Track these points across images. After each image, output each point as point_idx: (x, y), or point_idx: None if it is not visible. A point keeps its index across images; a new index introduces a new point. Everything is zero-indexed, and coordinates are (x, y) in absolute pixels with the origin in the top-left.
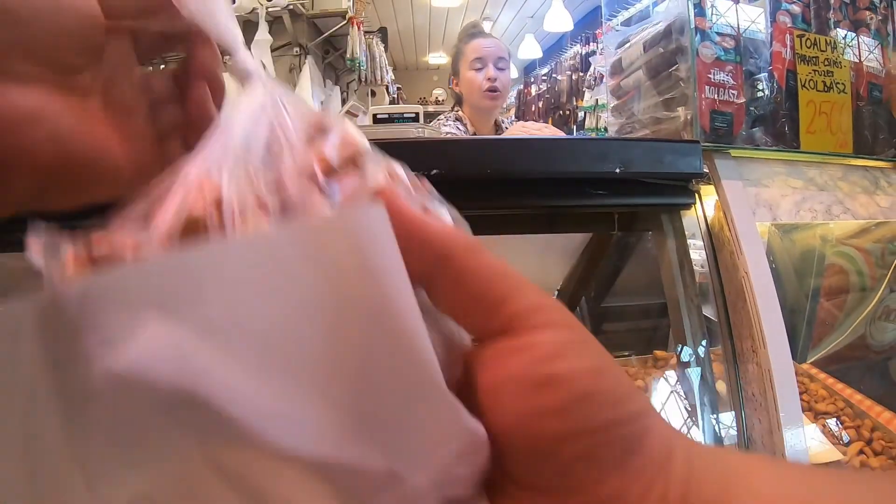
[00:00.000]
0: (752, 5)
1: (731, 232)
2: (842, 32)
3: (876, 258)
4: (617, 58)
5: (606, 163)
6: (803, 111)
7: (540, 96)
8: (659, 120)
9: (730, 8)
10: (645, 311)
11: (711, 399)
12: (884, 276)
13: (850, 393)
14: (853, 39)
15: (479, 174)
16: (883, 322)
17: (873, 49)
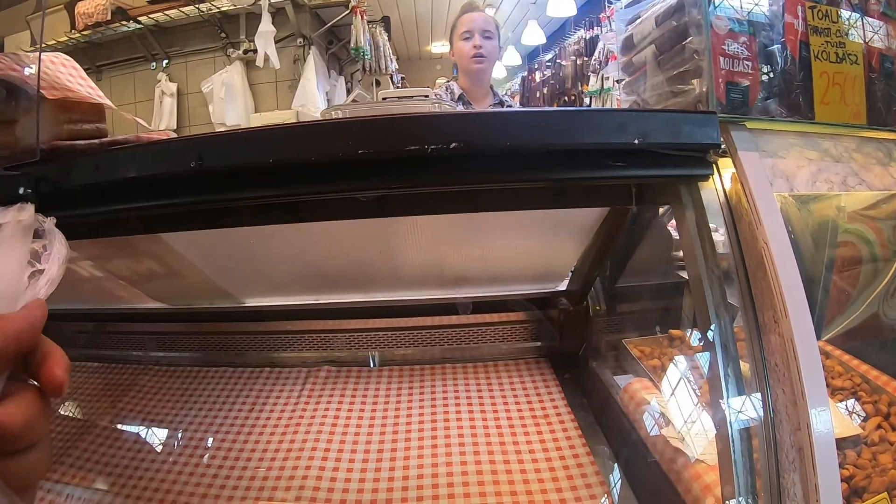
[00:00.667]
0: None
1: (749, 203)
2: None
3: (888, 234)
4: (628, 34)
5: (624, 134)
6: (817, 82)
7: (544, 82)
8: (673, 93)
9: None
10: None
11: (736, 371)
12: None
13: (867, 369)
14: (857, 20)
15: (498, 147)
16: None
17: (878, 30)
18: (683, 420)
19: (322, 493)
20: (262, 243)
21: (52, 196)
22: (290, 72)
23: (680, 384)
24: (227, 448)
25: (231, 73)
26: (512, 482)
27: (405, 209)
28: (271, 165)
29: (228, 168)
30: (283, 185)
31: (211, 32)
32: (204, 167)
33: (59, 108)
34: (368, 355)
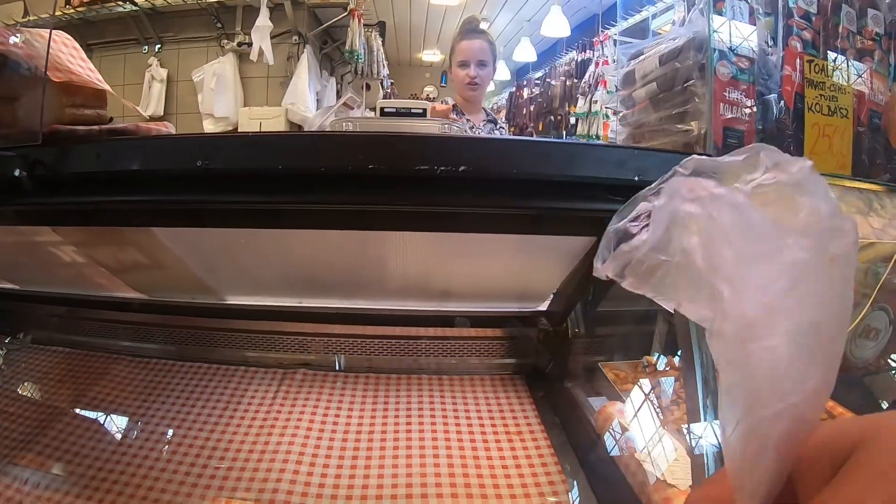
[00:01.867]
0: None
1: None
2: (833, 56)
3: (860, 278)
4: (630, 69)
5: (624, 170)
6: (808, 133)
7: (532, 99)
8: (670, 132)
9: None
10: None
11: (714, 400)
12: (867, 296)
13: (833, 405)
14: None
15: (506, 173)
16: (863, 339)
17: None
18: (656, 444)
19: (295, 497)
20: (251, 243)
21: (48, 180)
22: (283, 68)
23: (653, 409)
24: (199, 445)
25: (223, 64)
26: (484, 496)
27: (405, 224)
28: (280, 172)
29: (236, 171)
30: (289, 192)
31: (206, 21)
32: (211, 168)
33: (61, 91)
34: (346, 361)
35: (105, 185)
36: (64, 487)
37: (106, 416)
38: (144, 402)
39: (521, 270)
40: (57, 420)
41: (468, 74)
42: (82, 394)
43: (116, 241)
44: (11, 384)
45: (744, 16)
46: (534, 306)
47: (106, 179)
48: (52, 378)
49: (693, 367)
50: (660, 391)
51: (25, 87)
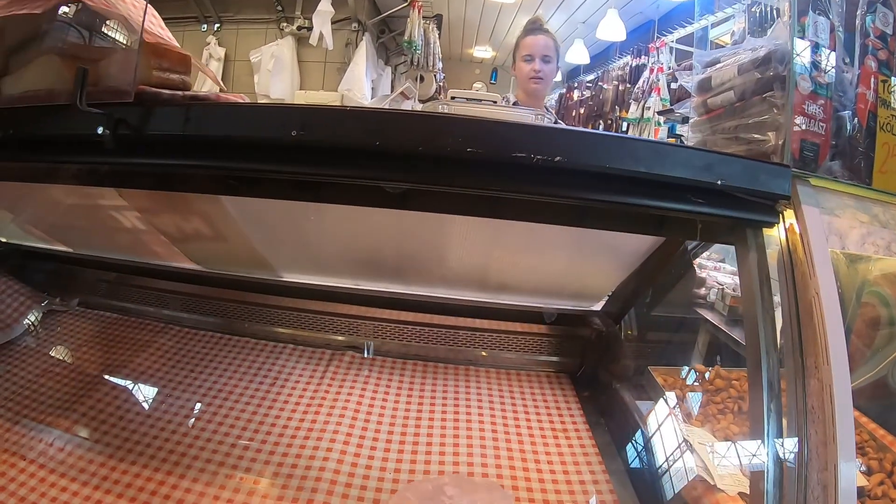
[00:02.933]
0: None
1: (805, 254)
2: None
3: None
4: (706, 76)
5: (709, 174)
6: (879, 151)
7: (582, 102)
8: (745, 140)
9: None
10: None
11: (778, 408)
12: None
13: (875, 427)
14: None
15: (597, 167)
16: None
17: None
18: (703, 450)
19: (342, 476)
20: (320, 220)
21: (131, 140)
22: (341, 54)
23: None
24: (245, 419)
25: (282, 46)
26: (530, 489)
27: (492, 211)
28: (377, 148)
29: (331, 143)
30: (384, 169)
31: (266, 3)
32: (305, 138)
33: (151, 53)
34: (395, 347)
35: (190, 149)
36: (106, 451)
37: (149, 386)
38: (190, 373)
39: (582, 269)
40: (100, 385)
41: (533, 69)
42: (128, 361)
43: (183, 210)
44: (55, 346)
45: (825, 32)
46: (588, 305)
47: (192, 143)
48: (97, 343)
49: (759, 371)
50: (708, 399)
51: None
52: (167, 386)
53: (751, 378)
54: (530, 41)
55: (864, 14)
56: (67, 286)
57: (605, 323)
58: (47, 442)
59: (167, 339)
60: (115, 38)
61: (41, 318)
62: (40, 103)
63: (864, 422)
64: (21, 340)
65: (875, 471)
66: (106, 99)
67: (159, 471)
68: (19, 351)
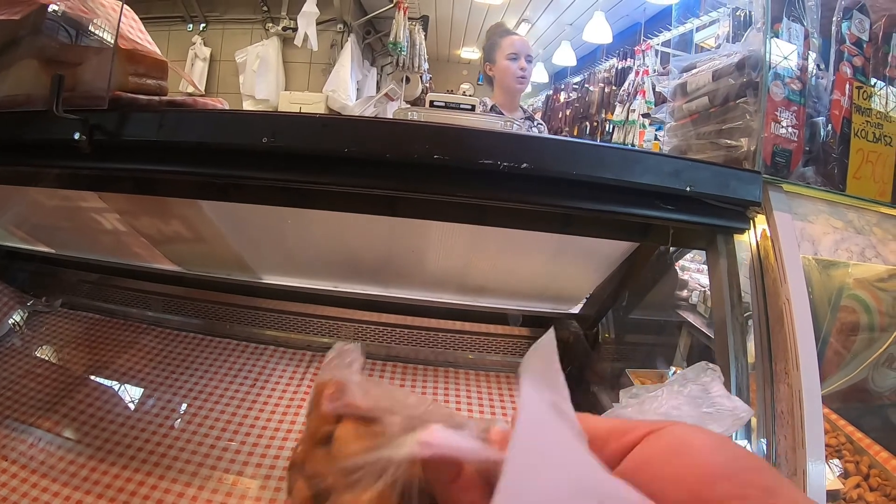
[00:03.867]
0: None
1: (777, 260)
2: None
3: (888, 306)
4: (682, 81)
5: (677, 180)
6: (853, 157)
7: (568, 104)
8: (718, 146)
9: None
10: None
11: None
12: (893, 325)
13: (852, 430)
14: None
15: (565, 174)
16: (886, 369)
17: None
18: None
19: None
20: (298, 224)
21: (106, 146)
22: (326, 55)
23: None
24: (225, 420)
25: (267, 47)
26: None
27: (461, 216)
28: (346, 154)
29: (301, 150)
30: (353, 175)
31: (252, 3)
32: (275, 145)
33: (126, 59)
34: (374, 348)
35: (165, 154)
36: (87, 452)
37: (131, 387)
38: (171, 374)
39: (559, 272)
40: (82, 386)
41: (520, 67)
42: (110, 361)
43: (161, 212)
44: (39, 347)
45: (799, 38)
46: (567, 308)
47: (166, 149)
48: (80, 344)
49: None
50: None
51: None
52: (149, 387)
53: None
54: (515, 40)
55: (839, 20)
56: (51, 287)
57: (582, 326)
58: (29, 443)
59: (150, 339)
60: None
61: (25, 318)
62: (19, 108)
63: (842, 424)
64: (5, 341)
65: (851, 473)
66: (82, 105)
67: (139, 471)
68: (2, 352)
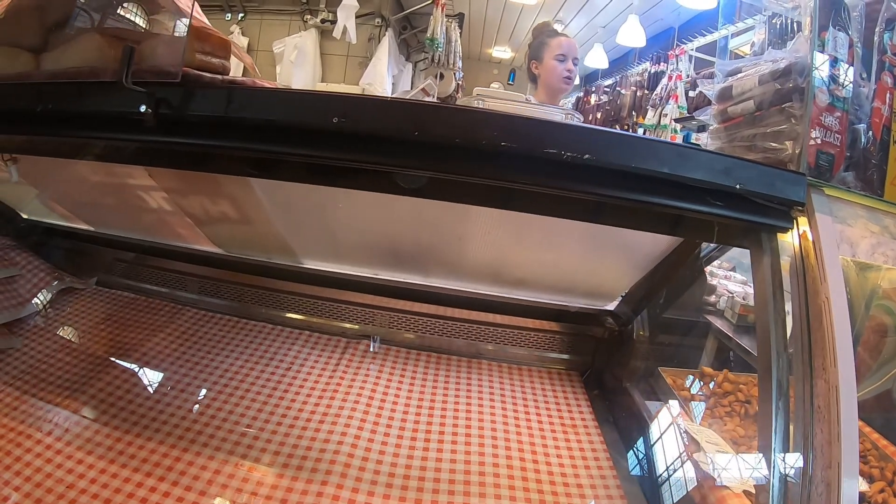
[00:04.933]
0: None
1: (817, 260)
2: None
3: None
4: (727, 85)
5: (728, 178)
6: (891, 164)
7: (599, 106)
8: (762, 149)
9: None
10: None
11: (786, 406)
12: None
13: (878, 437)
14: None
15: (624, 167)
16: None
17: None
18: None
19: (356, 461)
20: (345, 208)
21: (170, 120)
22: (363, 49)
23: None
24: (261, 403)
25: (305, 38)
26: (539, 481)
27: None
28: (415, 138)
29: (370, 132)
30: (421, 159)
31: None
32: (346, 126)
33: (194, 37)
34: (409, 337)
35: (231, 130)
36: (122, 427)
37: (164, 366)
38: (207, 354)
39: (598, 268)
40: (115, 364)
41: (567, 68)
42: (145, 340)
43: (210, 192)
44: (74, 324)
45: (844, 47)
46: (602, 304)
47: (232, 125)
48: (114, 322)
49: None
50: (716, 401)
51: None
52: (183, 367)
53: (761, 376)
54: (564, 41)
55: (881, 31)
56: (86, 265)
57: (617, 323)
58: (63, 417)
59: (183, 320)
60: (158, 19)
61: (59, 295)
62: (83, 80)
63: (868, 431)
64: (40, 316)
65: (877, 479)
66: (150, 78)
67: (175, 447)
68: (37, 326)
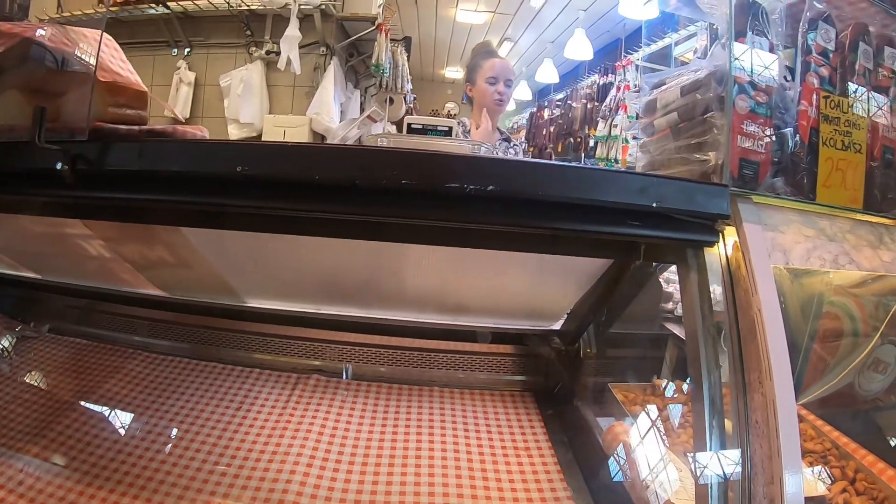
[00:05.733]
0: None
1: (747, 271)
2: (853, 87)
3: (870, 310)
4: (652, 97)
5: (644, 196)
6: (822, 166)
7: (552, 121)
8: (688, 161)
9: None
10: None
11: (720, 423)
12: (876, 329)
13: (837, 435)
14: (861, 96)
15: (530, 195)
16: (872, 372)
17: (882, 106)
18: (661, 466)
19: (305, 498)
20: (278, 248)
21: (89, 175)
22: (309, 78)
23: (659, 431)
24: (211, 443)
25: (251, 71)
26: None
27: (433, 239)
28: (317, 182)
29: (273, 178)
30: (324, 202)
31: (236, 28)
32: (249, 174)
33: (106, 91)
34: (358, 369)
35: (145, 183)
36: (74, 476)
37: (118, 411)
38: (158, 398)
39: (539, 289)
40: (70, 411)
41: (497, 91)
42: (97, 386)
43: (146, 239)
44: (26, 373)
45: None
46: (548, 325)
47: (146, 178)
48: (68, 369)
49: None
50: (668, 414)
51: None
52: (136, 411)
53: (693, 395)
54: (495, 63)
55: (805, 31)
56: (38, 312)
57: (563, 341)
58: (18, 468)
59: (137, 364)
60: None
61: (13, 344)
62: (3, 138)
63: (828, 430)
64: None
65: (838, 479)
66: (64, 135)
67: (126, 495)
68: None
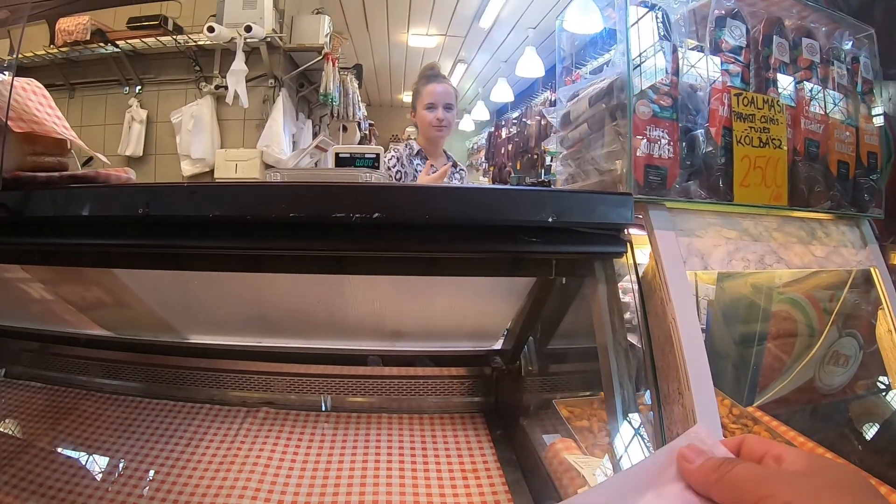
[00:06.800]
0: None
1: (661, 279)
2: (769, 82)
3: (823, 304)
4: (566, 110)
5: (540, 212)
6: (738, 166)
7: (510, 139)
8: (602, 171)
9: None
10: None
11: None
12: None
13: (793, 435)
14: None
15: (418, 219)
16: (832, 366)
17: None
18: (601, 479)
19: None
20: (204, 284)
21: (9, 223)
22: (259, 111)
23: (599, 446)
24: (160, 480)
25: (201, 106)
26: None
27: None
28: (212, 220)
29: (172, 218)
30: (221, 237)
31: (185, 64)
32: (150, 215)
33: (24, 140)
34: (307, 400)
35: (60, 228)
36: None
37: (73, 451)
38: (110, 437)
39: (472, 310)
40: (23, 454)
41: (436, 117)
42: (50, 428)
43: (80, 280)
44: None
45: (666, 54)
46: (488, 345)
47: (61, 224)
48: (22, 412)
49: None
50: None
51: None
52: (88, 452)
53: (608, 410)
54: (432, 89)
55: (713, 30)
56: None
57: (504, 360)
58: None
59: (89, 405)
60: None
61: None
62: None
63: (783, 431)
64: None
65: None
66: None
67: None
68: None
